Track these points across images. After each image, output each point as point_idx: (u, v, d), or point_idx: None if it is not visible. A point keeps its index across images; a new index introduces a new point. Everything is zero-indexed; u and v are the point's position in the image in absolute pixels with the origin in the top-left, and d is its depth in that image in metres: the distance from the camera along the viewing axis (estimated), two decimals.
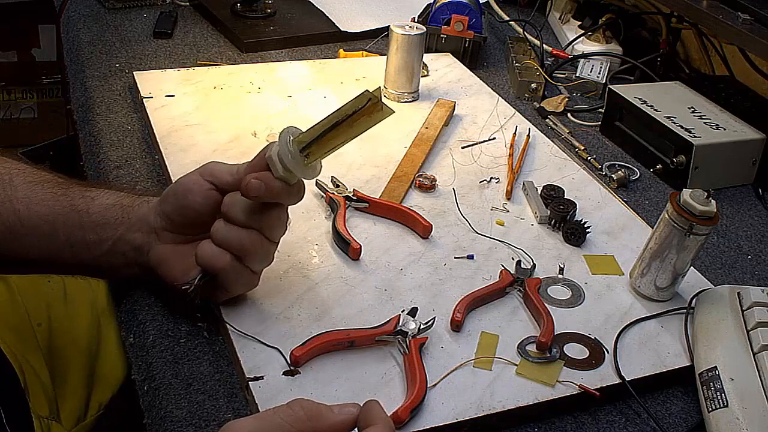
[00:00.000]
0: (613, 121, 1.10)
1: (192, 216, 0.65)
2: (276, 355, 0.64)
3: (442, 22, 1.25)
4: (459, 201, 0.88)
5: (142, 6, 1.36)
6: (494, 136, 1.03)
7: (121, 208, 0.68)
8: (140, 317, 0.69)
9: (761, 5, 1.04)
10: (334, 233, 0.78)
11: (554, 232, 0.85)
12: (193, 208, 0.65)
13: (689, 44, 1.39)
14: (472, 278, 0.76)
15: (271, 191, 0.62)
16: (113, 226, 0.67)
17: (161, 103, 0.99)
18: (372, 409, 0.48)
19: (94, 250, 0.67)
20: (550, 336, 0.68)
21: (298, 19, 1.34)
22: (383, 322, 0.67)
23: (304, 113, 1.02)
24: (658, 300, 0.76)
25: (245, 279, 0.66)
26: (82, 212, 0.67)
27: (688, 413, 0.67)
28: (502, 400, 0.63)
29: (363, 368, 0.64)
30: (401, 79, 1.07)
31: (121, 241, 0.67)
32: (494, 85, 1.19)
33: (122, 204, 0.68)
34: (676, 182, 0.99)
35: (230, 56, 1.21)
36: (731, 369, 0.65)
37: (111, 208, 0.68)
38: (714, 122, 1.02)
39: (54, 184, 0.69)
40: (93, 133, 0.96)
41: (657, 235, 0.74)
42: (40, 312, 0.87)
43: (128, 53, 1.18)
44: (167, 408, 0.61)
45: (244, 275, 0.65)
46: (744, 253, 0.90)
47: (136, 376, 0.65)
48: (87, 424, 0.85)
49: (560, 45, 1.37)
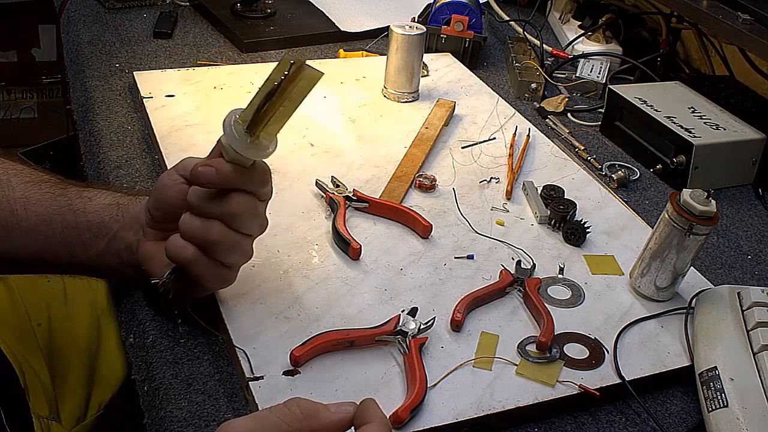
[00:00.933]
0: (613, 121, 1.10)
1: (170, 211, 0.64)
2: (276, 355, 0.64)
3: (442, 22, 1.25)
4: (459, 201, 0.88)
5: (142, 6, 1.36)
6: (494, 136, 1.03)
7: (117, 207, 0.68)
8: (140, 317, 0.69)
9: (761, 5, 1.04)
10: (334, 233, 0.78)
11: (554, 232, 0.85)
12: (168, 202, 0.64)
13: (689, 44, 1.39)
14: (472, 278, 0.76)
15: (223, 176, 0.60)
16: (108, 225, 0.67)
17: (161, 103, 0.99)
18: (368, 407, 0.47)
19: (90, 249, 0.67)
20: (550, 336, 0.68)
21: (298, 19, 1.34)
22: (383, 322, 0.67)
23: (304, 113, 1.02)
24: (658, 300, 0.76)
25: (217, 273, 0.64)
26: (79, 212, 0.67)
27: (688, 413, 0.67)
28: (502, 400, 0.63)
29: (363, 368, 0.64)
30: (401, 79, 1.07)
31: (115, 240, 0.67)
32: (494, 85, 1.19)
33: (118, 203, 0.68)
34: (676, 182, 0.99)
35: (230, 56, 1.21)
36: (731, 369, 0.65)
37: (107, 207, 0.68)
38: (714, 122, 1.02)
39: (51, 185, 0.69)
40: (93, 133, 0.96)
41: (657, 235, 0.74)
42: (40, 312, 0.87)
43: (128, 53, 1.18)
44: (167, 408, 0.61)
45: (214, 269, 0.63)
46: (744, 253, 0.90)
47: (136, 376, 0.65)
48: (87, 424, 0.85)
49: (560, 45, 1.37)
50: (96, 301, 0.92)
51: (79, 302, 0.91)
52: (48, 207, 0.67)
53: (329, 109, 1.04)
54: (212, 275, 0.63)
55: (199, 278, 0.63)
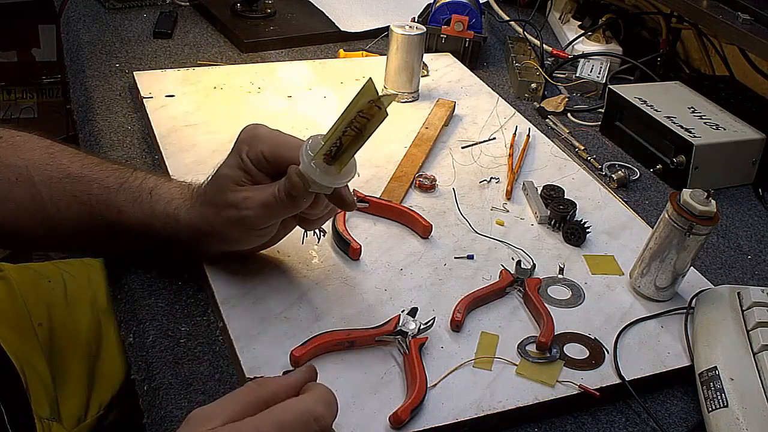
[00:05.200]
0: (613, 121, 1.10)
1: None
2: (276, 355, 0.64)
3: (442, 22, 1.25)
4: (459, 201, 0.88)
5: (142, 6, 1.36)
6: (494, 136, 1.03)
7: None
8: (140, 317, 0.69)
9: (761, 5, 1.04)
10: (334, 233, 0.78)
11: (554, 232, 0.85)
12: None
13: (689, 44, 1.39)
14: (472, 278, 0.76)
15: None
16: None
17: (161, 103, 0.99)
18: (312, 370, 0.54)
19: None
20: (550, 336, 0.68)
21: (298, 19, 1.34)
22: (383, 322, 0.67)
23: (304, 113, 1.02)
24: (658, 300, 0.76)
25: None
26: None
27: (688, 413, 0.67)
28: (502, 400, 0.63)
29: (363, 368, 0.64)
30: (401, 79, 1.07)
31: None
32: (494, 85, 1.19)
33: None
34: (676, 182, 0.99)
35: (230, 56, 1.21)
36: (731, 369, 0.65)
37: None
38: (714, 122, 1.02)
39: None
40: (93, 133, 0.96)
41: (657, 235, 0.74)
42: (41, 312, 0.87)
43: (128, 53, 1.18)
44: (167, 408, 0.61)
45: None
46: (744, 253, 0.90)
47: (135, 376, 0.65)
48: (88, 424, 0.85)
49: (560, 45, 1.37)
50: (96, 301, 0.92)
51: (80, 302, 0.91)
52: None
53: (329, 109, 1.04)
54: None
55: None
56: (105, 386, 0.88)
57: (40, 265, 0.96)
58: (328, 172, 0.62)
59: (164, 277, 0.73)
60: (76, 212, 0.68)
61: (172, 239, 0.69)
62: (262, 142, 0.66)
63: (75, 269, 0.96)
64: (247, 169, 0.66)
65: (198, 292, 0.72)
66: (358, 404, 0.61)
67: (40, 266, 0.95)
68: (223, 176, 0.67)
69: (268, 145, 0.66)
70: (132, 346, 0.68)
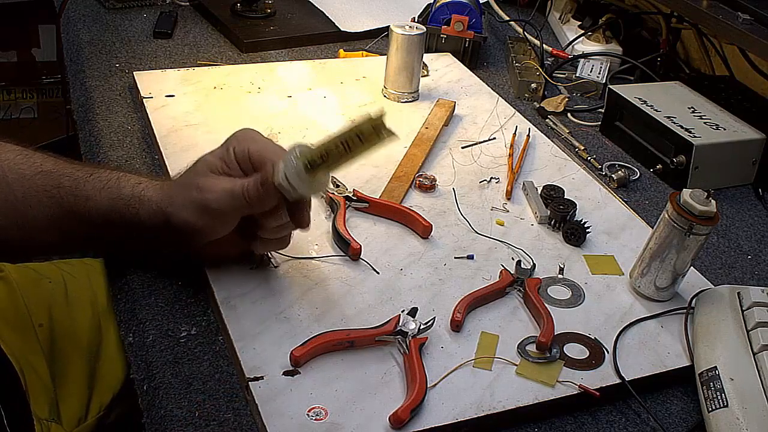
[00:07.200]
0: (613, 121, 1.10)
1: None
2: (276, 355, 0.64)
3: (442, 22, 1.25)
4: (459, 201, 0.88)
5: (142, 6, 1.36)
6: (494, 136, 1.03)
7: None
8: (140, 317, 0.69)
9: (761, 5, 1.04)
10: (334, 233, 0.78)
11: (554, 232, 0.85)
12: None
13: (689, 44, 1.39)
14: (472, 278, 0.76)
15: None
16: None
17: (161, 103, 0.99)
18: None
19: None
20: (550, 336, 0.68)
21: (298, 19, 1.34)
22: (383, 322, 0.67)
23: (304, 113, 1.02)
24: (658, 300, 0.76)
25: None
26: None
27: (688, 413, 0.67)
28: (502, 400, 0.63)
29: (363, 368, 0.64)
30: (401, 79, 1.07)
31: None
32: (494, 85, 1.19)
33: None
34: (676, 182, 0.99)
35: (230, 56, 1.21)
36: (731, 369, 0.65)
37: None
38: (714, 122, 1.02)
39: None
40: (93, 133, 0.96)
41: (657, 235, 0.74)
42: (42, 312, 0.87)
43: (128, 53, 1.18)
44: (167, 408, 0.61)
45: None
46: (744, 253, 0.90)
47: (135, 376, 0.65)
48: (88, 425, 0.85)
49: (560, 45, 1.37)
50: (96, 302, 0.92)
51: (80, 303, 0.91)
52: None
53: (329, 109, 1.04)
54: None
55: None
56: (105, 386, 0.87)
57: (40, 265, 0.96)
58: (300, 175, 0.64)
59: (164, 277, 0.73)
60: (46, 206, 0.68)
61: (134, 223, 0.68)
62: (252, 141, 0.68)
63: (75, 269, 0.96)
64: (228, 162, 0.67)
65: (198, 292, 0.72)
66: (358, 404, 0.61)
67: (40, 266, 0.95)
68: (202, 161, 0.68)
69: (257, 146, 0.67)
70: (132, 345, 0.68)
